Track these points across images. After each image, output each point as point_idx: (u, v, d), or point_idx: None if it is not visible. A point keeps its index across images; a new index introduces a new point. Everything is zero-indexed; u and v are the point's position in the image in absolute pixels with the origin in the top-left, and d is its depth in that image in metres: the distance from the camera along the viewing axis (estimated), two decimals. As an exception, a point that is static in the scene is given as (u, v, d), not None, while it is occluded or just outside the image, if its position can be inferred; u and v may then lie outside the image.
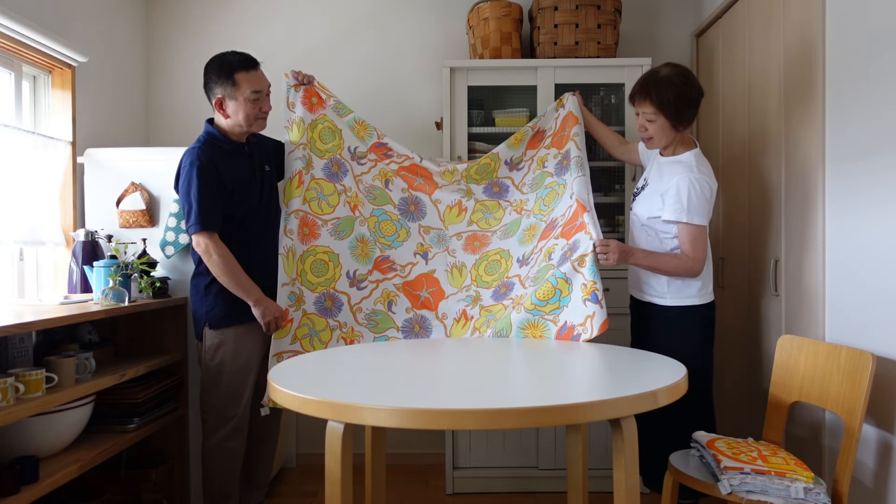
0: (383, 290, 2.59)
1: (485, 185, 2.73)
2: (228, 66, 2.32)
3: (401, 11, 3.49)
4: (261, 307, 2.32)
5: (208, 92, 2.37)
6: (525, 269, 2.55)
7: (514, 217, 2.67)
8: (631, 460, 1.59)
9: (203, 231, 2.25)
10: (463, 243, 2.67)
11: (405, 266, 2.63)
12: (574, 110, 2.66)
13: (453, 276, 2.63)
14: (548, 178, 2.65)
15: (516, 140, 2.73)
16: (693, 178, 2.21)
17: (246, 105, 2.33)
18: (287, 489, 3.07)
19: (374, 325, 2.55)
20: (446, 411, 1.41)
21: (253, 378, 2.43)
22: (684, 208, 2.20)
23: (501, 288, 2.57)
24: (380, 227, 2.64)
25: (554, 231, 2.53)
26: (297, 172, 2.54)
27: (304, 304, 2.47)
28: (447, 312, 2.60)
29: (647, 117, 2.29)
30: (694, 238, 2.22)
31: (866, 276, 1.96)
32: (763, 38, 2.63)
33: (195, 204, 2.25)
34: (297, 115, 2.59)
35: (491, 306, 2.55)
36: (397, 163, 2.72)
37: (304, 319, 2.46)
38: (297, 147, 2.56)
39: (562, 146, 2.66)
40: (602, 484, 2.88)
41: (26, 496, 1.77)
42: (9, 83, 2.57)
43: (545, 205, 2.62)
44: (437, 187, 2.71)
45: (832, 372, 1.97)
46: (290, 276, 2.45)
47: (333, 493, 1.56)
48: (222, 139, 2.37)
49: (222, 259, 2.27)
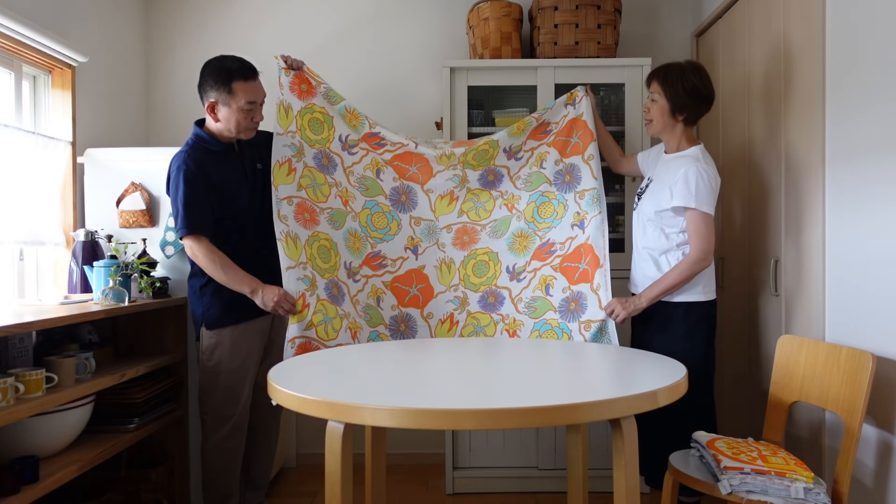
0: (372, 286, 2.59)
1: (481, 171, 2.66)
2: (227, 74, 2.28)
3: (401, 11, 3.49)
4: (258, 295, 2.28)
5: (202, 93, 2.33)
6: (516, 286, 2.62)
7: (504, 214, 2.66)
8: (631, 460, 1.59)
9: (189, 235, 2.26)
10: (452, 236, 2.66)
11: (396, 260, 2.63)
12: (587, 118, 2.61)
13: (442, 272, 2.64)
14: (544, 183, 2.64)
15: (519, 129, 2.65)
16: (700, 168, 2.25)
17: (238, 114, 2.30)
18: (287, 489, 3.07)
19: (369, 319, 2.56)
20: (446, 411, 1.41)
21: (251, 378, 2.42)
22: (692, 194, 2.22)
23: (490, 297, 2.62)
24: (372, 220, 2.63)
25: (551, 258, 2.59)
26: (286, 159, 2.47)
27: (318, 289, 2.42)
28: (433, 312, 2.62)
29: (652, 97, 2.38)
30: (700, 225, 2.24)
31: (866, 276, 1.96)
32: (763, 37, 2.63)
33: (182, 209, 2.26)
34: (285, 100, 2.51)
35: (478, 314, 2.62)
36: (391, 151, 2.65)
37: (319, 305, 2.39)
38: (285, 133, 2.48)
39: (565, 153, 2.63)
40: (602, 484, 2.88)
41: (26, 496, 1.77)
42: (9, 83, 2.57)
43: (540, 216, 2.63)
44: (432, 175, 2.65)
45: (832, 372, 1.97)
46: (294, 259, 2.37)
47: (333, 493, 1.56)
48: (211, 141, 2.36)
49: (208, 258, 2.26)
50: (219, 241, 2.32)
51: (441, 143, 2.72)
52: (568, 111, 2.66)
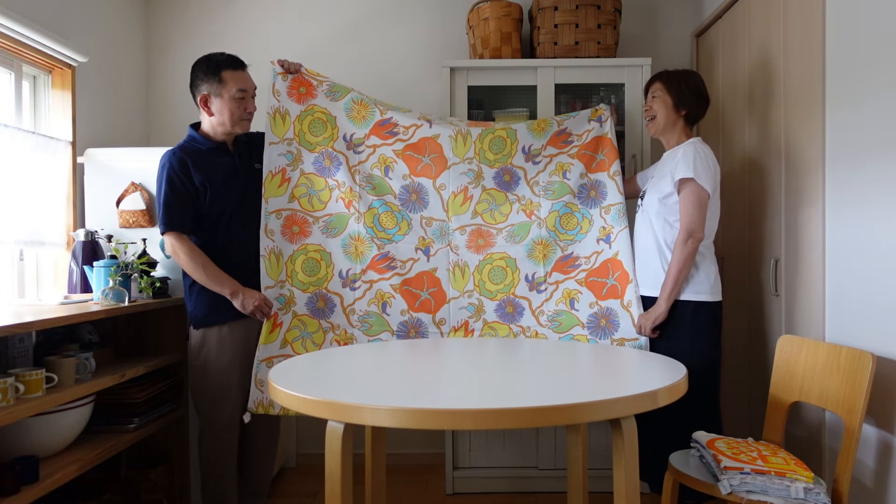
0: (377, 291, 2.54)
1: (497, 169, 2.61)
2: (216, 65, 2.34)
3: (401, 11, 3.49)
4: (238, 298, 2.32)
5: (194, 90, 2.38)
6: (536, 297, 2.57)
7: (523, 219, 2.61)
8: (631, 460, 1.59)
9: (169, 231, 2.30)
10: (466, 239, 2.60)
11: (406, 262, 2.57)
12: (612, 136, 2.62)
13: (455, 276, 2.58)
14: (567, 194, 2.61)
15: (539, 128, 2.63)
16: (698, 148, 2.34)
17: (231, 103, 2.34)
18: (287, 489, 3.07)
19: (367, 328, 2.52)
20: (446, 411, 1.41)
21: (241, 378, 2.39)
22: (690, 167, 2.28)
23: (507, 306, 2.57)
24: (379, 219, 2.56)
25: (575, 272, 2.57)
26: (280, 169, 2.47)
27: (295, 305, 2.44)
28: (446, 318, 2.57)
29: (654, 94, 2.45)
30: (689, 199, 2.28)
31: (866, 275, 1.96)
32: (763, 37, 2.63)
33: (162, 206, 2.30)
34: (282, 106, 2.51)
35: (495, 323, 2.57)
36: (403, 140, 2.59)
37: (295, 322, 2.42)
38: (280, 141, 2.49)
39: (591, 169, 2.62)
40: (602, 484, 2.88)
41: (26, 496, 1.77)
42: (9, 83, 2.57)
43: (562, 227, 2.60)
44: (446, 167, 2.59)
45: (832, 372, 1.97)
46: (274, 278, 2.42)
47: (333, 493, 1.56)
48: (201, 140, 2.39)
49: (189, 256, 2.28)
50: (206, 239, 2.34)
51: (457, 120, 2.68)
52: (592, 127, 2.64)
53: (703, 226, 2.27)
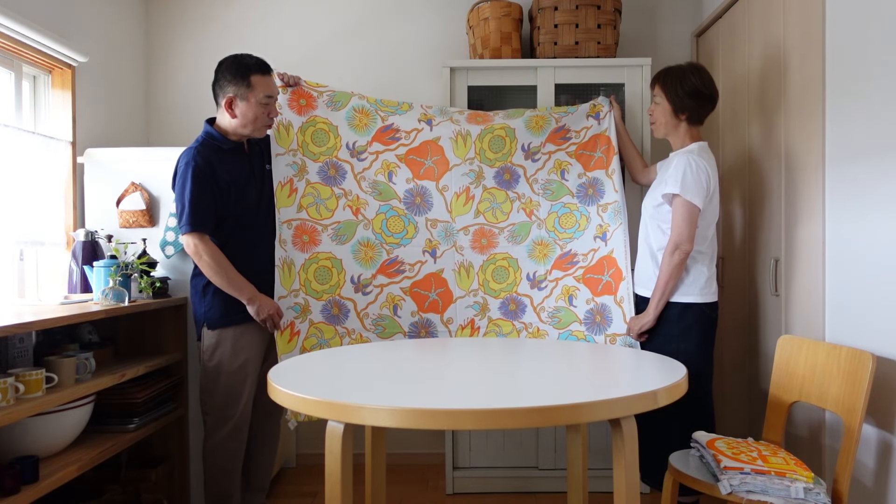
0: (388, 295, 2.58)
1: (497, 168, 2.65)
2: (245, 68, 2.32)
3: (401, 11, 3.49)
4: (255, 304, 2.33)
5: (218, 90, 2.35)
6: (537, 295, 2.63)
7: (523, 219, 2.66)
8: (631, 460, 1.59)
9: (193, 232, 2.26)
10: (470, 239, 2.65)
11: (414, 265, 2.62)
12: (611, 133, 2.63)
13: (461, 276, 2.63)
14: (566, 195, 2.65)
15: (537, 125, 2.65)
16: (690, 159, 2.31)
17: (257, 108, 2.33)
18: (287, 489, 3.07)
19: (381, 331, 2.56)
20: (446, 411, 1.41)
21: (252, 378, 2.42)
22: (678, 182, 2.28)
23: (510, 303, 2.62)
24: (387, 224, 2.61)
25: (573, 269, 2.61)
26: (288, 180, 2.50)
27: (311, 313, 2.47)
28: (453, 317, 2.62)
29: (655, 99, 2.45)
30: (679, 213, 2.28)
31: (866, 275, 1.96)
32: (763, 38, 2.63)
33: (188, 205, 2.26)
34: (284, 118, 2.54)
35: (500, 321, 2.63)
36: (405, 145, 2.63)
37: (312, 329, 2.45)
38: (286, 152, 2.51)
39: (589, 167, 2.64)
40: (602, 484, 2.88)
41: (26, 496, 1.77)
42: (9, 83, 2.57)
43: (561, 226, 2.64)
44: (449, 168, 2.64)
45: (832, 372, 1.97)
46: (287, 288, 2.44)
47: (333, 493, 1.56)
48: (220, 139, 2.37)
49: (212, 259, 2.27)
50: (224, 239, 2.33)
51: (456, 112, 2.70)
52: (591, 124, 2.66)
53: (691, 238, 2.28)
